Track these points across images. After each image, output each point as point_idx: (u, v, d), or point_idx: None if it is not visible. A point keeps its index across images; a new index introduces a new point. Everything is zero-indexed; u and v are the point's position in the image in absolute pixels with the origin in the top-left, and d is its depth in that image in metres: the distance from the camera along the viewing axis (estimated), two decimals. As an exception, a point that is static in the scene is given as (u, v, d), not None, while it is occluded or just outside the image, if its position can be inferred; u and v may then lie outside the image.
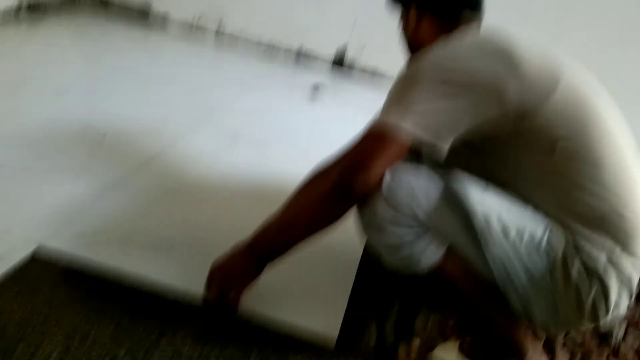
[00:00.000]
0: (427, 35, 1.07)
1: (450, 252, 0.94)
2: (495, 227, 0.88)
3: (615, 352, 1.21)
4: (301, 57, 2.90)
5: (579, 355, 1.17)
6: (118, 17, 3.02)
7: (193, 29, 3.06)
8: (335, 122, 2.15)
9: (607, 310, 0.89)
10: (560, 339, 1.20)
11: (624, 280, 0.88)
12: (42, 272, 1.07)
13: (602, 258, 0.87)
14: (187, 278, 1.10)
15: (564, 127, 0.87)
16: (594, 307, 0.89)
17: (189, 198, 1.43)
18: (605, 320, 0.91)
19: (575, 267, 0.88)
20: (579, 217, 0.89)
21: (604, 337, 1.25)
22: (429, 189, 0.91)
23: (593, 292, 0.88)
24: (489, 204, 0.90)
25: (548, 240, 0.89)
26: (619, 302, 0.90)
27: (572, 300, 0.89)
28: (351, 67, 2.88)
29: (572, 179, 0.89)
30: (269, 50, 2.92)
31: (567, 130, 0.87)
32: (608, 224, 0.88)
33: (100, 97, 1.99)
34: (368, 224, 0.95)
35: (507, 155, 0.93)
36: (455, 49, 0.91)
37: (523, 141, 0.90)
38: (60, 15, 2.90)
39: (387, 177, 0.90)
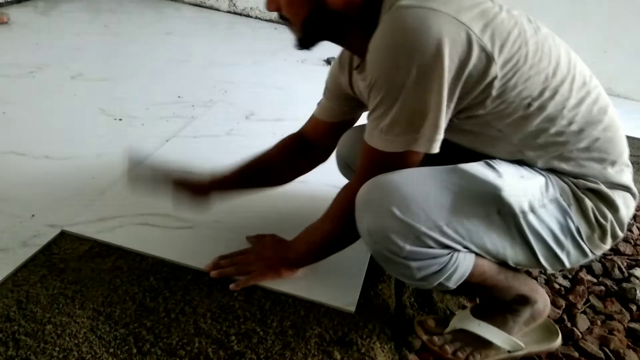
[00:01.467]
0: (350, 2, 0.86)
1: (477, 257, 0.89)
2: (525, 207, 0.84)
3: (637, 318, 1.20)
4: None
5: (599, 323, 1.16)
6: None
7: (204, 7, 3.04)
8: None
9: (623, 226, 0.92)
10: (580, 307, 1.20)
11: (624, 191, 0.92)
12: (66, 255, 1.10)
13: (602, 187, 0.89)
14: (205, 258, 1.12)
15: (534, 87, 0.83)
16: (613, 229, 0.91)
17: (205, 178, 1.45)
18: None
19: (589, 206, 0.88)
20: (565, 159, 0.89)
21: (624, 303, 1.24)
22: (442, 196, 0.83)
23: (609, 217, 0.89)
24: (510, 183, 0.84)
25: (561, 194, 0.88)
26: (630, 207, 0.94)
27: (598, 236, 0.90)
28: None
29: (549, 130, 0.86)
30: (281, 26, 2.89)
31: (535, 90, 0.83)
32: (591, 153, 0.89)
33: (116, 80, 2.01)
34: (387, 260, 0.86)
35: (487, 127, 0.88)
36: (436, 22, 0.75)
37: (500, 112, 0.85)
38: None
39: (396, 212, 0.81)
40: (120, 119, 1.70)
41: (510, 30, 0.81)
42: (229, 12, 3.01)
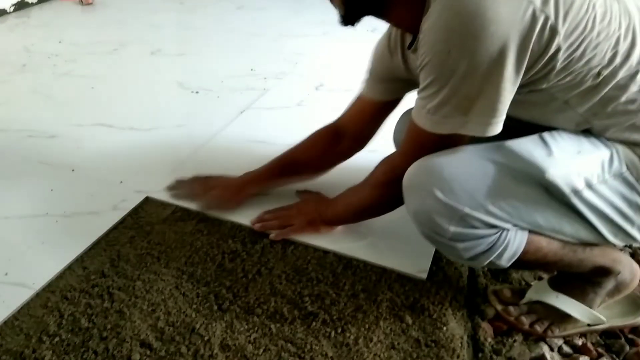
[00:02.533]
0: None
1: (531, 233, 0.86)
2: (579, 185, 0.80)
3: None
4: None
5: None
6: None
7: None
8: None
9: None
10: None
11: None
12: (151, 219, 1.18)
13: None
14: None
15: (601, 55, 0.77)
16: None
17: (277, 149, 1.47)
18: None
19: None
20: (636, 129, 0.82)
21: None
22: (487, 176, 0.81)
23: None
24: (561, 161, 0.80)
25: (627, 166, 0.82)
26: None
27: None
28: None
29: (619, 98, 0.80)
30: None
31: (606, 57, 0.77)
32: None
33: (192, 54, 2.09)
34: (435, 242, 0.87)
35: (552, 100, 0.83)
36: (491, 3, 0.71)
37: (566, 83, 0.79)
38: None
39: (438, 194, 0.80)
40: (197, 92, 1.77)
41: None
42: (298, -16, 3.01)
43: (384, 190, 0.97)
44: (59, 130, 1.51)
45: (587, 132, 0.85)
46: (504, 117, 0.79)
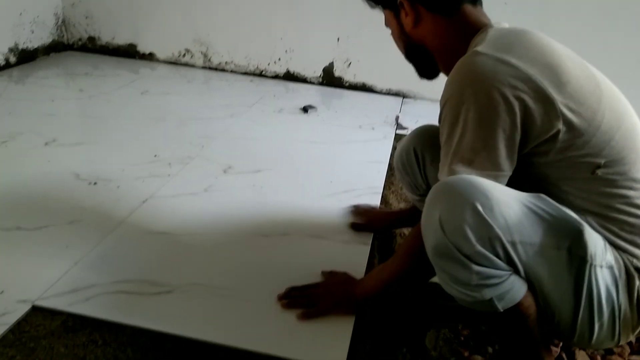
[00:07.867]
0: (432, 36, 0.98)
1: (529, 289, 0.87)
2: (595, 258, 0.82)
3: (637, 350, 1.16)
4: (289, 80, 2.90)
5: (598, 358, 1.12)
6: (105, 59, 3.06)
7: (180, 64, 3.07)
8: (328, 142, 2.14)
9: None
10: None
11: None
12: (38, 332, 1.04)
13: None
14: (186, 324, 1.08)
15: (603, 154, 0.84)
16: None
17: (183, 239, 1.40)
18: None
19: (635, 286, 0.85)
20: (623, 238, 0.87)
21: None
22: (524, 214, 0.82)
23: None
24: (589, 230, 0.84)
25: (615, 262, 0.85)
26: None
27: (634, 322, 0.87)
28: (339, 85, 2.87)
29: (611, 204, 0.86)
30: (257, 78, 2.92)
31: (607, 157, 0.85)
32: None
33: (91, 143, 1.99)
34: (447, 256, 0.83)
35: (547, 178, 0.89)
36: (504, 70, 0.82)
37: (564, 167, 0.86)
38: (49, 61, 2.93)
39: (479, 207, 0.80)
40: (95, 183, 1.66)
41: (586, 89, 0.85)
42: (204, 67, 3.04)
43: (417, 256, 0.96)
44: None
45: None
46: (506, 172, 0.86)
